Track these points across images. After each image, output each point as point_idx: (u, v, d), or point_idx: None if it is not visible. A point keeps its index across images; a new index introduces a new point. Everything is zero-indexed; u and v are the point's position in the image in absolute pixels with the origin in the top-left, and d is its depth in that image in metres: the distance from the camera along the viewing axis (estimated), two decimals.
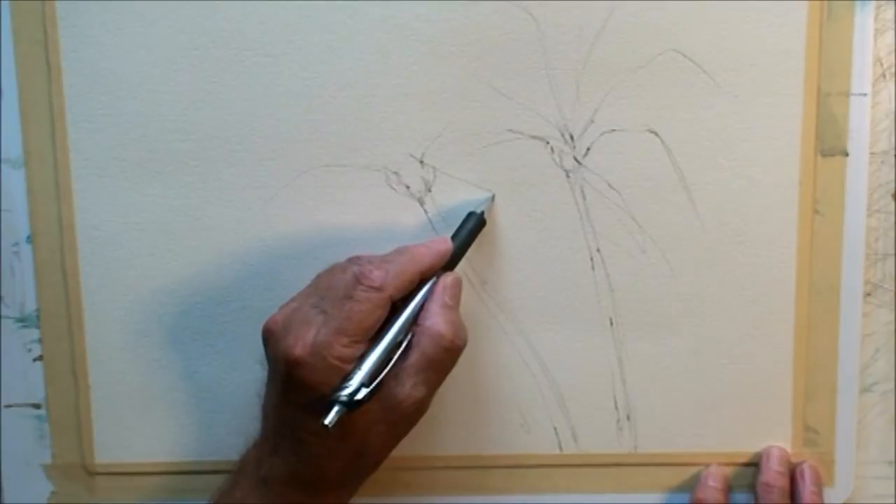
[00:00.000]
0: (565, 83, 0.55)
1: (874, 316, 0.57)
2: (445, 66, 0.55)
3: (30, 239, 0.57)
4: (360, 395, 0.47)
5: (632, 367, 0.58)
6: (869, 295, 0.57)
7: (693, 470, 0.58)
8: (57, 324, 0.57)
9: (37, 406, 0.58)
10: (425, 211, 0.56)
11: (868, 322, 0.57)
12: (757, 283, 0.57)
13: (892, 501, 0.59)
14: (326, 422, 0.47)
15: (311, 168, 0.56)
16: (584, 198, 0.56)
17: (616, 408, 0.58)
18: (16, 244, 0.57)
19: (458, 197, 0.56)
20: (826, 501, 0.57)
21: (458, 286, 0.52)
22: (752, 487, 0.58)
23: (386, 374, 0.49)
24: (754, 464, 0.58)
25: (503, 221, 0.56)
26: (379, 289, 0.49)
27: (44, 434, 0.58)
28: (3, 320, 0.57)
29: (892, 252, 0.57)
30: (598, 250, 0.56)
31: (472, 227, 0.54)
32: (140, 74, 0.55)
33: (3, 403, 0.58)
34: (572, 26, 0.54)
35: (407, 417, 0.51)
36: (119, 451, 0.58)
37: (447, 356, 0.51)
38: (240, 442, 0.53)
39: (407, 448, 0.58)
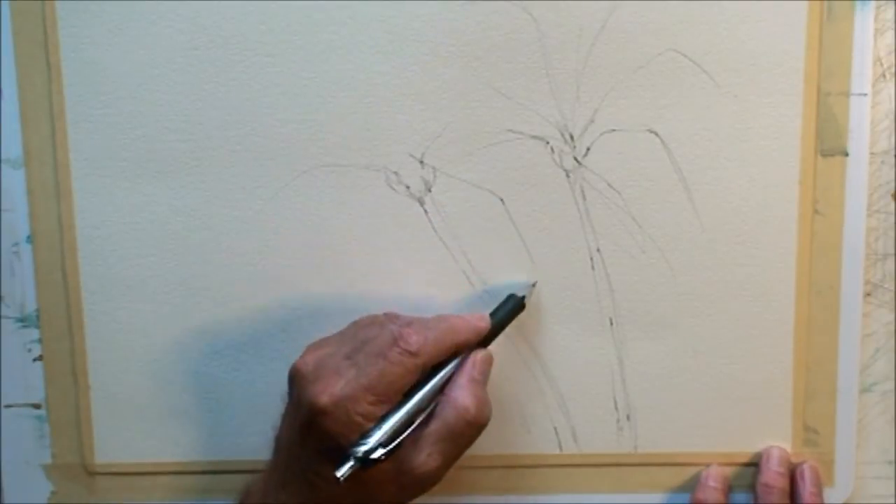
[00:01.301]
0: (565, 83, 0.55)
1: (874, 316, 0.57)
2: (445, 66, 0.55)
3: (30, 239, 0.57)
4: (375, 455, 0.48)
5: (632, 367, 0.58)
6: (869, 295, 0.57)
7: (693, 470, 0.58)
8: (57, 324, 0.57)
9: (37, 406, 0.58)
10: (425, 211, 0.56)
11: (868, 322, 0.57)
12: (757, 283, 0.57)
13: (892, 501, 0.59)
14: (338, 474, 0.47)
15: (311, 168, 0.56)
16: (584, 198, 0.56)
17: (616, 408, 0.58)
18: (16, 244, 0.57)
19: (459, 197, 0.56)
20: (826, 501, 0.57)
21: (488, 363, 0.53)
22: (752, 487, 0.58)
23: (405, 438, 0.49)
24: (754, 464, 0.58)
25: (503, 221, 0.56)
26: (415, 354, 0.49)
27: (44, 434, 0.58)
28: (3, 320, 0.57)
29: (892, 252, 0.57)
30: (598, 250, 0.56)
31: (511, 310, 0.55)
32: (140, 74, 0.55)
33: (3, 403, 0.58)
34: (572, 26, 0.54)
35: (418, 484, 0.51)
36: (119, 451, 0.58)
37: (468, 430, 0.51)
38: (240, 442, 0.53)
39: None
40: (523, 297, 0.55)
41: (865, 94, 0.55)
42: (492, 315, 0.54)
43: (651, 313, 0.57)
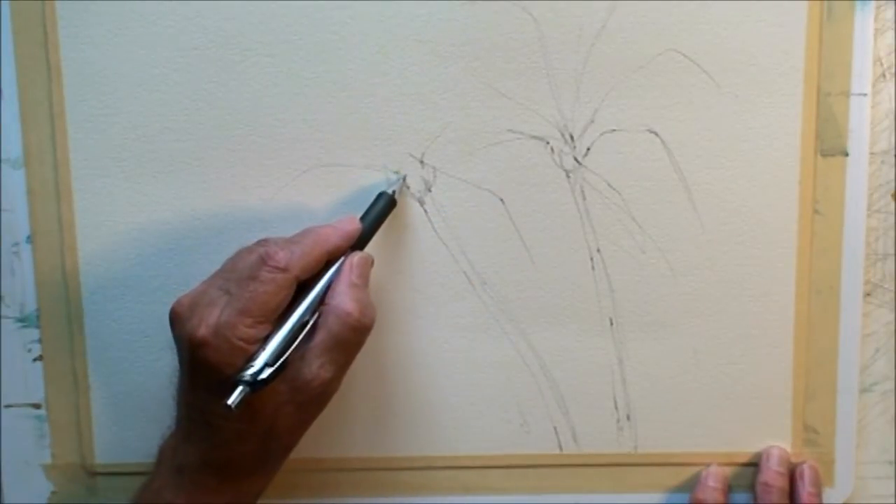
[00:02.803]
0: (565, 83, 0.55)
1: (874, 316, 0.57)
2: (445, 66, 0.55)
3: (30, 239, 0.57)
4: (263, 375, 0.47)
5: (632, 367, 0.58)
6: (869, 295, 0.57)
7: (693, 470, 0.58)
8: (57, 324, 0.57)
9: (37, 406, 0.58)
10: (425, 211, 0.56)
11: (868, 322, 0.57)
12: (757, 283, 0.57)
13: (892, 501, 0.59)
14: (229, 402, 0.46)
15: (311, 168, 0.56)
16: (584, 198, 0.56)
17: (616, 408, 0.58)
18: (16, 244, 0.57)
19: (459, 197, 0.56)
20: (826, 501, 0.57)
21: (365, 265, 0.52)
22: (751, 487, 0.58)
23: (292, 354, 0.49)
24: (754, 464, 0.58)
25: (503, 221, 0.56)
26: (284, 269, 0.49)
27: (44, 434, 0.58)
28: (3, 320, 0.57)
29: (892, 252, 0.57)
30: (598, 250, 0.56)
31: (382, 208, 0.54)
32: (140, 74, 0.55)
33: (3, 403, 0.58)
34: (572, 26, 0.54)
35: (315, 398, 0.50)
36: (119, 451, 0.58)
37: (354, 335, 0.50)
38: None
39: (407, 448, 0.58)
40: (394, 193, 0.54)
41: (865, 94, 0.55)
42: (364, 216, 0.53)
43: (651, 313, 0.57)
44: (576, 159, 0.56)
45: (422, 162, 0.56)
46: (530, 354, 0.57)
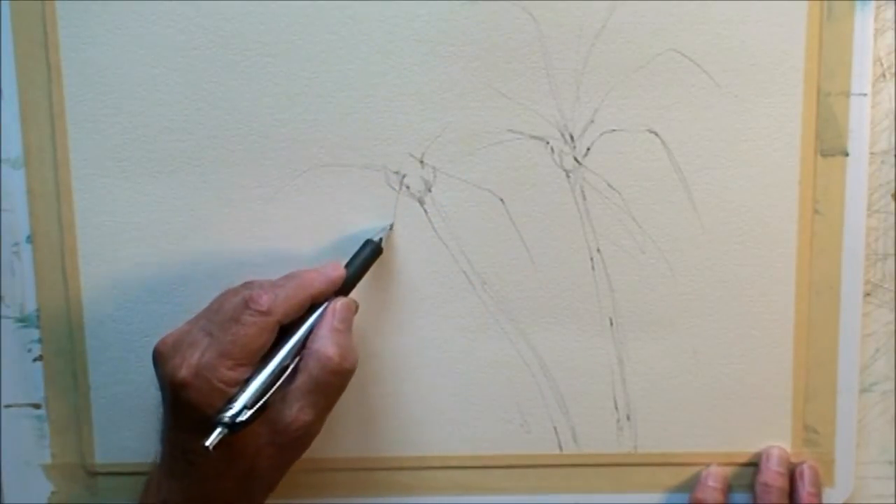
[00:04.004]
0: (565, 83, 0.55)
1: (874, 316, 0.57)
2: (445, 66, 0.55)
3: (30, 239, 0.57)
4: (242, 417, 0.48)
5: (632, 367, 0.58)
6: (869, 295, 0.57)
7: (693, 470, 0.58)
8: (57, 324, 0.57)
9: (37, 406, 0.58)
10: (425, 211, 0.56)
11: (868, 322, 0.57)
12: (757, 283, 0.57)
13: (892, 501, 0.59)
14: (207, 443, 0.47)
15: (311, 168, 0.56)
16: (584, 198, 0.56)
17: (616, 408, 0.58)
18: (16, 244, 0.57)
19: (459, 197, 0.56)
20: (826, 501, 0.57)
21: (348, 310, 0.52)
22: (751, 487, 0.58)
23: (272, 397, 0.49)
24: (754, 464, 0.58)
25: (503, 221, 0.56)
26: (266, 313, 0.50)
27: (44, 434, 0.58)
28: (3, 320, 0.57)
29: (892, 252, 0.57)
30: (598, 250, 0.56)
31: (368, 255, 0.54)
32: (140, 74, 0.55)
33: (3, 403, 0.58)
34: (572, 26, 0.54)
35: (295, 440, 0.51)
36: (119, 451, 0.58)
37: (335, 379, 0.51)
38: None
39: (407, 448, 0.58)
40: (380, 241, 0.55)
41: (865, 94, 0.55)
42: (348, 264, 0.54)
43: (651, 313, 0.57)
44: (576, 159, 0.56)
45: (422, 162, 0.56)
46: (530, 354, 0.57)
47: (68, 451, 0.59)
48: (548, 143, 0.55)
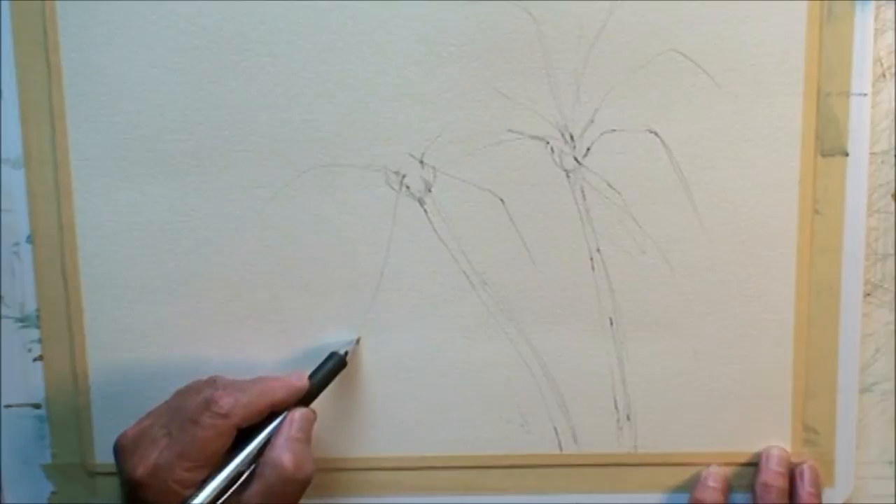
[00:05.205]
0: (565, 83, 0.55)
1: (874, 316, 0.57)
2: (445, 66, 0.55)
3: (30, 239, 0.57)
4: None
5: (632, 367, 0.58)
6: (869, 295, 0.57)
7: (693, 470, 0.58)
8: (57, 324, 0.57)
9: (37, 406, 0.58)
10: (425, 211, 0.56)
11: (868, 322, 0.57)
12: (757, 283, 0.57)
13: (892, 502, 0.59)
14: None
15: (311, 168, 0.56)
16: (584, 198, 0.56)
17: (616, 408, 0.58)
18: (16, 244, 0.57)
19: (459, 197, 0.56)
20: (826, 501, 0.57)
21: (306, 420, 0.53)
22: (751, 487, 0.58)
23: (225, 503, 0.50)
24: (754, 464, 0.58)
25: (503, 221, 0.56)
26: (225, 416, 0.50)
27: (44, 434, 0.59)
28: (3, 320, 0.57)
29: (892, 252, 0.57)
30: (598, 250, 0.56)
31: (332, 368, 0.55)
32: (140, 74, 0.55)
33: (3, 403, 0.58)
34: (572, 26, 0.54)
35: None
36: None
37: (288, 487, 0.51)
38: None
39: (407, 448, 0.58)
40: (345, 354, 0.55)
41: (865, 94, 0.55)
42: (313, 374, 0.54)
43: (651, 313, 0.57)
44: (576, 159, 0.56)
45: (422, 162, 0.56)
46: (530, 354, 0.57)
47: (68, 451, 0.59)
48: (548, 143, 0.55)
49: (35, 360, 0.58)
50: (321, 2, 0.54)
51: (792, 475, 0.57)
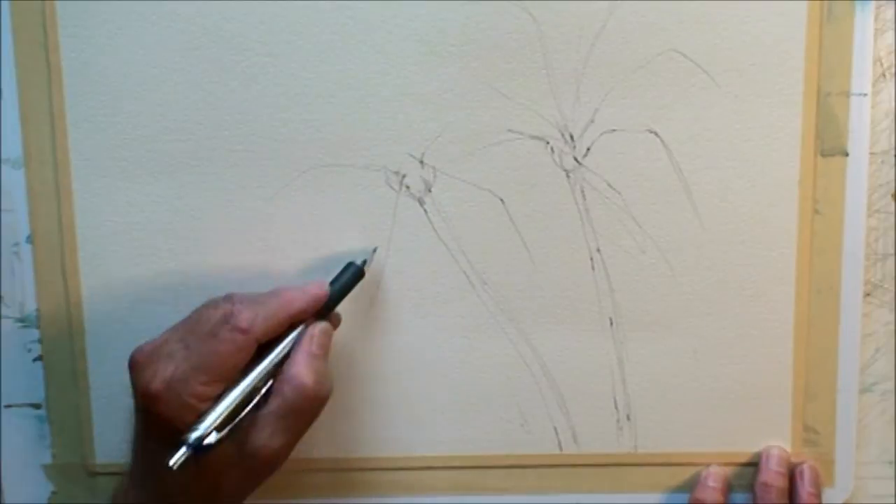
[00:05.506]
0: (565, 83, 0.55)
1: (874, 316, 0.57)
2: (445, 66, 0.55)
3: (30, 239, 0.57)
4: (209, 440, 0.47)
5: (632, 367, 0.58)
6: (869, 295, 0.57)
7: (693, 470, 0.58)
8: (57, 324, 0.57)
9: (37, 406, 0.58)
10: (425, 211, 0.56)
11: (868, 322, 0.57)
12: (757, 283, 0.57)
13: (892, 502, 0.59)
14: (171, 463, 0.47)
15: (311, 168, 0.56)
16: (584, 198, 0.56)
17: (616, 408, 0.58)
18: (16, 244, 0.57)
19: (459, 197, 0.56)
20: (826, 502, 0.57)
21: (326, 335, 0.52)
22: (751, 487, 0.58)
23: (242, 420, 0.49)
24: (754, 464, 0.58)
25: (503, 221, 0.56)
26: (245, 331, 0.49)
27: (44, 434, 0.58)
28: (3, 320, 0.57)
29: (892, 252, 0.57)
30: (598, 250, 0.56)
31: (350, 277, 0.54)
32: (140, 74, 0.55)
33: (3, 403, 0.58)
34: (572, 26, 0.54)
35: (264, 466, 0.50)
36: (119, 451, 0.58)
37: (308, 405, 0.50)
38: None
39: (407, 448, 0.58)
40: (363, 264, 0.54)
41: (865, 94, 0.55)
42: (331, 284, 0.53)
43: (651, 313, 0.57)
44: (576, 159, 0.56)
45: (422, 162, 0.56)
46: (530, 354, 0.57)
47: (68, 451, 0.59)
48: (548, 143, 0.55)
49: (35, 360, 0.58)
50: (321, 2, 0.54)
51: (792, 475, 0.57)
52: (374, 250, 0.56)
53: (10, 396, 0.58)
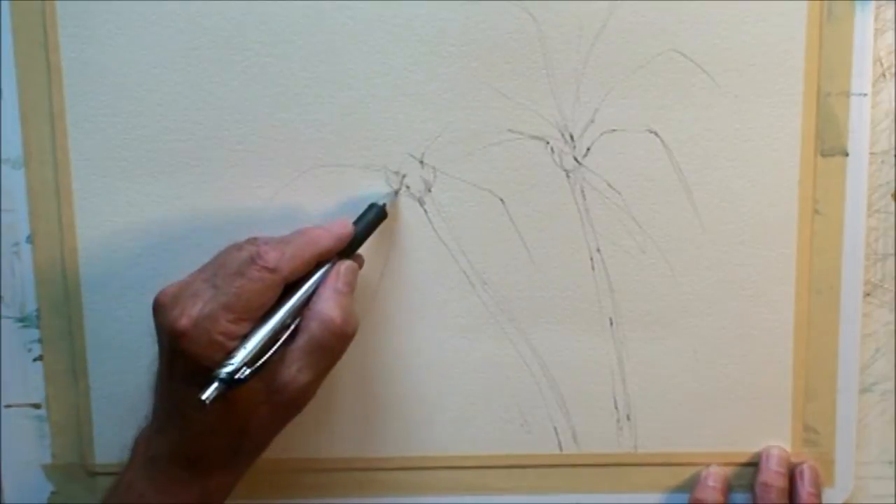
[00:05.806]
0: (565, 83, 0.55)
1: (874, 316, 0.57)
2: (445, 66, 0.55)
3: (30, 239, 0.57)
4: (240, 375, 0.47)
5: (632, 367, 0.58)
6: (869, 295, 0.57)
7: (693, 470, 0.58)
8: (57, 324, 0.57)
9: (37, 406, 0.58)
10: (425, 211, 0.56)
11: (868, 322, 0.57)
12: (757, 283, 0.57)
13: (892, 502, 0.59)
14: (203, 397, 0.46)
15: (311, 168, 0.56)
16: (584, 198, 0.56)
17: (616, 408, 0.58)
18: (16, 244, 0.57)
19: (459, 197, 0.56)
20: (826, 501, 0.57)
21: (352, 273, 0.52)
22: (751, 487, 0.58)
23: (271, 356, 0.48)
24: (754, 464, 0.58)
25: (503, 221, 0.56)
26: (273, 270, 0.49)
27: (44, 434, 0.58)
28: (3, 320, 0.57)
29: (892, 252, 0.57)
30: (598, 250, 0.56)
31: (373, 218, 0.54)
32: (140, 74, 0.55)
33: (3, 403, 0.58)
34: (572, 26, 0.54)
35: (292, 401, 0.50)
36: (119, 451, 0.58)
37: (336, 341, 0.50)
38: None
39: (407, 448, 0.58)
40: (385, 205, 0.54)
41: (865, 94, 0.55)
42: (356, 222, 0.53)
43: (651, 313, 0.57)
44: (576, 159, 0.56)
45: (422, 162, 0.56)
46: (530, 354, 0.57)
47: (68, 451, 0.59)
48: (548, 143, 0.55)
49: (35, 360, 0.58)
50: (321, 2, 0.54)
51: (792, 475, 0.57)
52: (396, 192, 0.55)
53: (10, 396, 0.58)
